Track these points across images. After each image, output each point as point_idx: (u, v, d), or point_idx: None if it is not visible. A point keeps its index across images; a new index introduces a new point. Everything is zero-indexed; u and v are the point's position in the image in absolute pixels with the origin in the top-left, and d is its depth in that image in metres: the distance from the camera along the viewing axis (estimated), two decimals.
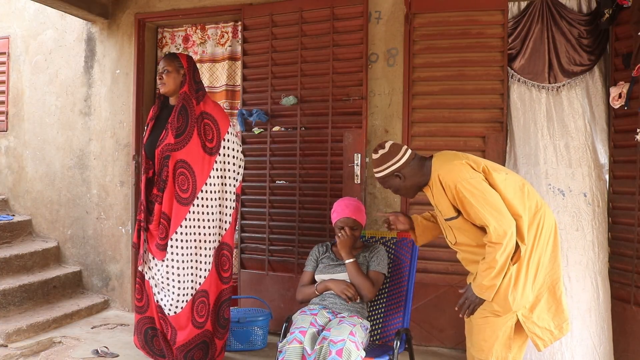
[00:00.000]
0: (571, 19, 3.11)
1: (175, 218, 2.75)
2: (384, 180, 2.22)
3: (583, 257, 2.97)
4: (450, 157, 2.15)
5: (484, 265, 2.00)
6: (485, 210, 1.96)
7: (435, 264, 3.28)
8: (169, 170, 2.74)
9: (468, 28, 3.28)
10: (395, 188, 2.23)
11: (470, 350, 2.20)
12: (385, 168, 2.19)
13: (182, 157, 2.76)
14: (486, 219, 1.96)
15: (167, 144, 2.75)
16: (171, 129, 2.76)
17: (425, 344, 3.37)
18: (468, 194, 1.99)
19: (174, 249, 2.77)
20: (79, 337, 3.51)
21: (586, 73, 3.12)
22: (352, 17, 3.49)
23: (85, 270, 4.32)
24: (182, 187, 2.76)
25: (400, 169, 2.17)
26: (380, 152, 2.20)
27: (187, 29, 4.20)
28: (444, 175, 2.07)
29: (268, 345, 3.42)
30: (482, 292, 2.04)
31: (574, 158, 3.07)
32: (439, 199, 2.14)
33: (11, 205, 4.66)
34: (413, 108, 3.39)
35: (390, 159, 2.18)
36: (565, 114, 3.12)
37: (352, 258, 2.54)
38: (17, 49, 4.62)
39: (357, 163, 3.37)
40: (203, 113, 2.83)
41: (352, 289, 2.50)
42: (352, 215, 2.62)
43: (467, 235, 2.12)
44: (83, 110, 4.34)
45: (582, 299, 2.93)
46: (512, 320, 2.07)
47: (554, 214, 2.96)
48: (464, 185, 2.00)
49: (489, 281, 2.00)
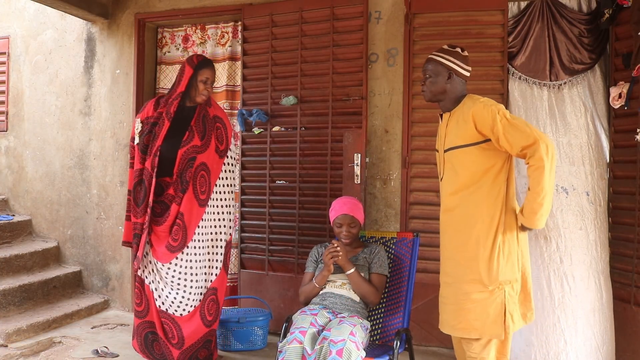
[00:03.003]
0: (571, 18, 3.11)
1: (195, 219, 2.80)
2: (436, 65, 2.27)
3: (587, 256, 2.97)
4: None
5: (533, 188, 2.05)
6: (529, 128, 2.05)
7: (435, 264, 3.27)
8: (192, 172, 2.78)
9: (468, 28, 3.28)
10: (433, 78, 2.28)
11: (453, 332, 2.23)
12: (449, 59, 2.26)
13: (203, 159, 2.82)
14: (531, 136, 2.02)
15: (193, 146, 2.79)
16: (197, 132, 2.82)
17: (425, 344, 3.37)
18: (510, 117, 2.09)
19: (190, 249, 2.79)
20: (79, 337, 3.51)
21: (587, 71, 3.12)
22: (352, 17, 3.49)
23: (85, 270, 4.32)
24: (202, 189, 2.82)
25: (456, 72, 2.26)
26: (457, 49, 2.28)
27: (187, 29, 4.20)
28: (481, 108, 2.13)
29: (268, 345, 3.42)
30: (532, 218, 2.08)
31: (577, 156, 3.07)
32: (454, 128, 2.22)
33: (11, 205, 4.66)
34: (413, 108, 3.39)
35: (459, 60, 2.26)
36: (567, 111, 3.11)
37: (352, 268, 2.54)
38: (17, 49, 4.62)
39: (357, 163, 3.37)
40: (215, 117, 2.92)
41: (337, 248, 2.51)
42: (350, 212, 2.63)
43: (456, 171, 2.21)
44: (83, 110, 4.34)
45: (587, 299, 2.93)
46: (500, 296, 2.12)
47: (558, 212, 2.98)
48: (504, 113, 2.10)
49: (538, 204, 2.04)
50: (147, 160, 2.81)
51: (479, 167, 2.16)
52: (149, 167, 2.79)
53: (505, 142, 2.07)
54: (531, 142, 2.01)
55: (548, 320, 2.94)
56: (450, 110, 2.29)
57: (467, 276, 2.15)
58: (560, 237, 2.99)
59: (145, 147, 2.83)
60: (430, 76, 2.29)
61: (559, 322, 2.93)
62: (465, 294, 2.15)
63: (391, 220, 3.47)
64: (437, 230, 2.49)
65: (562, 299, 2.94)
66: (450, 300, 2.22)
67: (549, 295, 2.96)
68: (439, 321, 2.31)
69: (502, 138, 2.07)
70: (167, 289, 2.81)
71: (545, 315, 2.94)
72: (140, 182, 2.83)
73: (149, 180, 2.78)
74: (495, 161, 2.16)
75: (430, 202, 3.33)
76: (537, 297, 2.93)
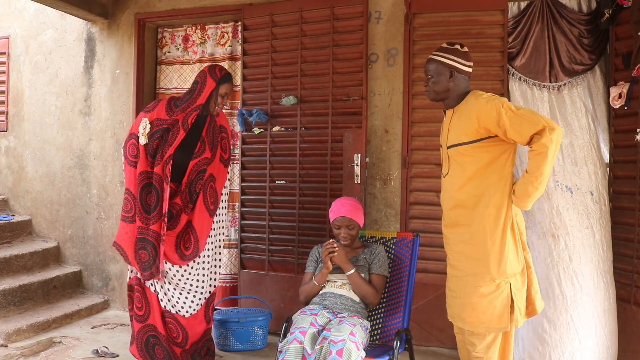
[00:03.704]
0: (571, 18, 3.10)
1: (207, 229, 2.83)
2: (437, 65, 2.27)
3: (594, 255, 2.96)
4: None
5: (531, 171, 2.07)
6: (535, 115, 2.06)
7: (435, 264, 3.28)
8: (202, 183, 2.80)
9: (468, 28, 3.28)
10: (435, 78, 2.28)
11: (463, 325, 2.23)
12: (449, 58, 2.25)
13: (212, 171, 2.85)
14: (540, 123, 2.03)
15: (205, 158, 2.82)
16: (208, 143, 2.84)
17: (425, 344, 3.36)
18: (515, 108, 2.09)
19: (200, 257, 2.83)
20: (79, 337, 3.51)
21: (587, 72, 3.12)
22: (352, 17, 3.49)
23: (85, 270, 4.32)
24: (211, 200, 2.85)
25: (457, 70, 2.25)
26: (456, 46, 2.28)
27: (187, 29, 4.20)
28: (484, 104, 2.14)
29: (268, 345, 3.42)
30: (525, 200, 2.11)
31: (579, 156, 3.06)
32: (457, 124, 2.22)
33: (11, 205, 4.66)
34: (413, 108, 3.39)
35: (459, 58, 2.25)
36: (568, 112, 3.11)
37: (352, 269, 2.54)
38: (17, 49, 4.62)
39: (357, 163, 3.37)
40: (221, 127, 2.94)
41: (334, 245, 2.53)
42: (348, 215, 2.62)
43: (459, 168, 2.22)
44: (83, 110, 4.34)
45: (597, 298, 2.92)
46: (506, 290, 2.14)
47: (564, 210, 2.98)
48: (509, 105, 2.10)
49: (534, 187, 2.07)
50: (156, 166, 2.72)
51: (482, 163, 2.17)
52: (159, 173, 2.71)
53: (514, 134, 2.07)
54: (540, 129, 2.02)
55: (561, 318, 2.92)
56: (454, 107, 2.29)
57: (477, 269, 2.17)
58: (568, 235, 2.98)
59: (153, 150, 2.74)
60: (433, 76, 2.29)
61: (573, 321, 2.90)
62: (473, 287, 2.17)
63: (391, 220, 3.47)
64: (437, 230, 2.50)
65: (574, 298, 2.92)
66: (459, 293, 2.25)
67: (560, 293, 2.94)
68: (448, 314, 2.34)
69: (510, 130, 2.07)
70: (173, 289, 2.80)
71: (557, 314, 2.92)
72: (149, 186, 2.74)
73: (161, 187, 2.71)
74: (499, 155, 2.17)
75: (430, 202, 3.33)
76: (548, 295, 2.93)
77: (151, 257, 2.72)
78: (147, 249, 2.72)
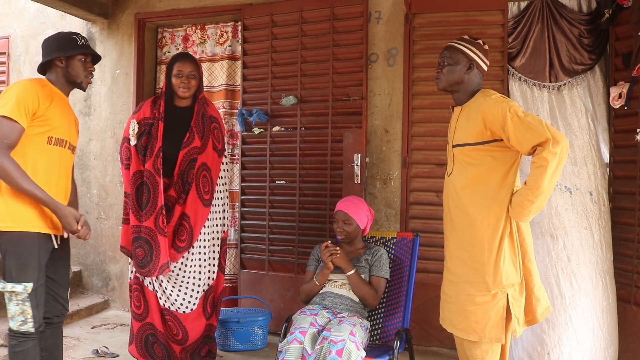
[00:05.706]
0: (571, 18, 3.10)
1: (201, 220, 2.80)
2: (458, 54, 2.22)
3: (593, 255, 2.96)
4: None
5: (530, 183, 2.01)
6: (541, 125, 1.98)
7: (435, 264, 3.28)
8: (194, 173, 2.77)
9: (468, 28, 3.27)
10: (452, 66, 2.23)
11: (454, 331, 2.21)
12: (472, 50, 2.22)
13: (204, 160, 2.82)
14: (543, 135, 1.96)
15: (194, 147, 2.79)
16: (197, 132, 2.81)
17: (425, 344, 3.37)
18: (522, 114, 2.03)
19: (195, 249, 2.80)
20: (79, 337, 3.51)
21: (587, 72, 3.12)
22: (352, 17, 3.49)
23: (85, 270, 4.32)
24: (205, 189, 2.82)
25: (476, 64, 2.22)
26: (479, 41, 2.25)
27: (187, 29, 4.20)
28: (492, 104, 2.09)
29: (268, 345, 3.42)
30: (519, 212, 2.05)
31: (579, 156, 3.06)
32: (464, 123, 2.19)
33: None
34: (413, 108, 3.39)
35: (478, 52, 2.23)
36: (568, 112, 3.11)
37: (353, 270, 2.54)
38: (17, 49, 4.61)
39: (357, 163, 3.37)
40: (211, 117, 2.91)
41: (336, 247, 2.53)
42: (345, 209, 2.63)
43: (463, 169, 2.18)
44: (83, 110, 4.34)
45: (596, 298, 2.92)
46: (502, 300, 2.10)
47: (563, 211, 2.98)
48: (516, 110, 2.04)
49: (530, 200, 2.01)
50: (147, 162, 2.73)
51: (486, 167, 2.12)
52: (150, 169, 2.72)
53: (515, 141, 2.02)
54: (542, 141, 1.95)
55: (560, 318, 2.92)
56: (463, 103, 2.25)
57: (473, 277, 2.13)
58: (567, 235, 2.98)
59: (143, 148, 2.76)
60: (450, 64, 2.22)
61: (571, 321, 2.91)
62: (468, 296, 2.13)
63: (391, 220, 3.47)
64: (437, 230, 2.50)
65: (572, 298, 2.92)
66: (453, 299, 2.21)
67: (559, 294, 2.94)
68: (440, 317, 2.31)
69: (512, 136, 2.02)
70: (171, 286, 2.80)
71: (556, 314, 2.92)
72: (142, 185, 2.75)
73: (153, 182, 2.71)
74: (504, 162, 2.11)
75: (430, 202, 3.33)
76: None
77: (147, 254, 2.72)
78: (143, 246, 2.74)
